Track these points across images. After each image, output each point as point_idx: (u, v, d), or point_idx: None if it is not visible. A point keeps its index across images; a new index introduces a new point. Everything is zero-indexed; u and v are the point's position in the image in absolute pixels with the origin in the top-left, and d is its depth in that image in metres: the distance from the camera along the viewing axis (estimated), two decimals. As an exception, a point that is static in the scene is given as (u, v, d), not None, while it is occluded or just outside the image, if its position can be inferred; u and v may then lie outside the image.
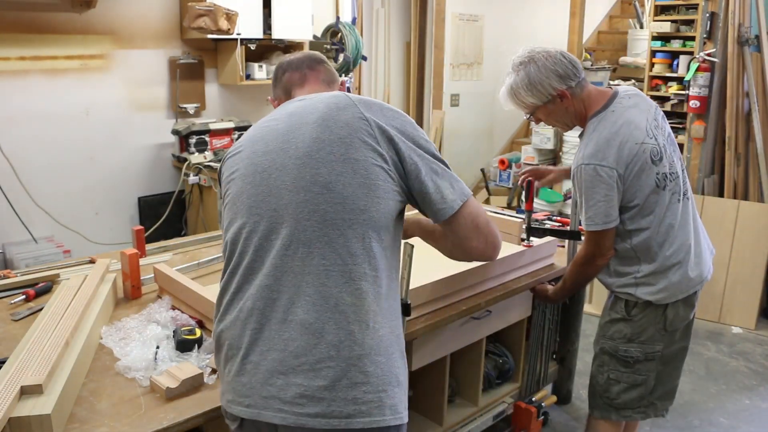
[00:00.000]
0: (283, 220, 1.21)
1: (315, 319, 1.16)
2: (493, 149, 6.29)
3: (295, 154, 1.24)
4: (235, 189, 1.30)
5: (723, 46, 3.94)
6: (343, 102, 1.30)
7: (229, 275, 1.27)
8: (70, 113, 3.61)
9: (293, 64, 1.52)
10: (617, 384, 2.00)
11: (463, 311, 1.98)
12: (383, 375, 1.17)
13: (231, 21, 3.62)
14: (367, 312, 1.18)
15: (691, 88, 4.01)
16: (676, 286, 1.90)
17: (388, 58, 5.25)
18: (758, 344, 3.64)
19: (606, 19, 7.41)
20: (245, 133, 1.40)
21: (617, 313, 1.98)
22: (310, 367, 1.14)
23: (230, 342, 1.23)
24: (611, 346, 1.99)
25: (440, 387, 2.21)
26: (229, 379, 1.22)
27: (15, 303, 1.92)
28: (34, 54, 3.44)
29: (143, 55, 3.84)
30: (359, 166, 1.21)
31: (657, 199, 1.85)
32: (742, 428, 2.81)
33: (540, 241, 2.33)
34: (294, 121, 1.30)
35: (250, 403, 1.17)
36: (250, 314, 1.20)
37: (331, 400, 1.13)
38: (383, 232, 1.23)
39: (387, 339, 1.20)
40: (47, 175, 3.57)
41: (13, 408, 1.25)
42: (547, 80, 1.86)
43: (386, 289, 1.23)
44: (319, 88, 1.50)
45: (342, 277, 1.17)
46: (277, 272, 1.19)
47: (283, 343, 1.16)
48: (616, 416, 2.03)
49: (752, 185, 3.95)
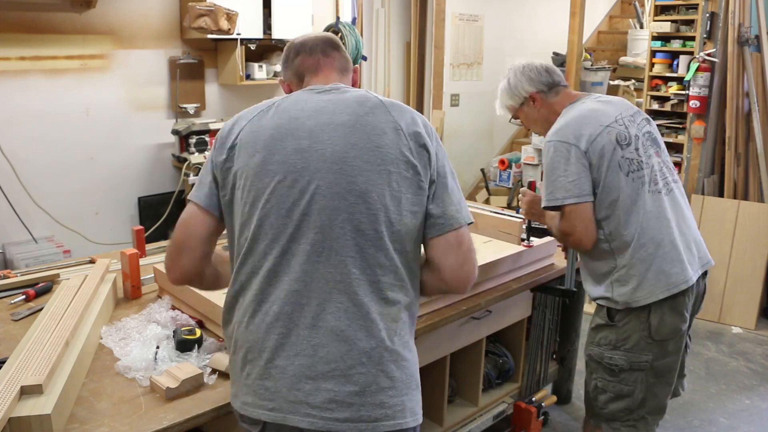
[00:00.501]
0: (314, 225, 1.19)
1: (346, 326, 1.17)
2: (493, 149, 6.29)
3: (330, 158, 1.21)
4: (259, 183, 1.23)
5: (723, 46, 3.94)
6: (372, 103, 1.28)
7: (248, 275, 1.24)
8: (70, 113, 3.61)
9: (307, 46, 1.43)
10: (604, 393, 1.96)
11: (463, 311, 1.98)
12: (407, 379, 1.23)
13: (231, 21, 3.62)
14: (395, 320, 1.22)
15: (691, 88, 4.01)
16: (652, 284, 1.83)
17: (388, 58, 5.25)
18: (758, 344, 3.64)
19: (606, 19, 7.41)
20: (262, 108, 1.32)
21: (601, 318, 1.95)
22: (342, 373, 1.16)
23: (251, 345, 1.22)
24: (597, 353, 1.96)
25: (440, 387, 2.21)
26: (249, 382, 1.21)
27: (15, 303, 1.92)
28: (34, 54, 3.44)
29: (143, 55, 3.84)
30: (392, 179, 1.22)
31: (621, 184, 1.83)
32: (741, 428, 2.81)
33: (540, 241, 2.33)
34: (324, 120, 1.25)
35: (274, 407, 1.18)
36: (277, 318, 1.19)
37: (360, 405, 1.16)
38: (409, 244, 1.24)
39: (410, 345, 1.27)
40: (47, 175, 3.57)
41: (13, 408, 1.25)
42: (521, 84, 2.04)
43: (412, 298, 1.28)
44: (333, 76, 1.42)
45: (371, 286, 1.20)
46: (307, 278, 1.19)
47: (312, 348, 1.17)
48: (607, 427, 1.98)
49: (752, 185, 3.95)
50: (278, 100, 1.34)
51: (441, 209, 1.26)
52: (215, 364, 1.53)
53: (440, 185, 1.27)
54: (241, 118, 1.33)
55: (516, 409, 2.48)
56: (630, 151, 1.87)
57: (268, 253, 1.21)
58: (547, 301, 2.44)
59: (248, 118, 1.31)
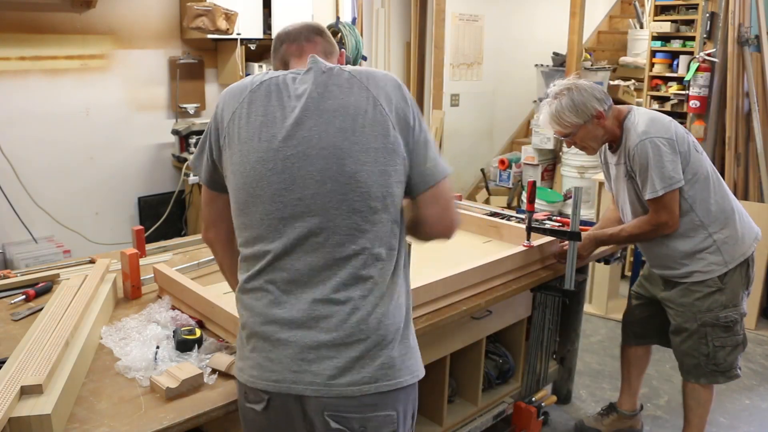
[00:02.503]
0: (309, 209, 1.25)
1: (346, 297, 1.24)
2: (493, 149, 6.29)
3: (318, 144, 1.25)
4: (253, 173, 1.28)
5: (723, 46, 3.94)
6: (350, 82, 1.30)
7: (252, 257, 1.30)
8: (70, 113, 3.62)
9: (291, 35, 1.48)
10: (723, 349, 2.26)
11: (463, 311, 1.98)
12: (404, 340, 1.30)
13: (230, 21, 3.62)
14: (392, 288, 1.29)
15: (691, 88, 4.01)
16: (746, 238, 2.23)
17: (388, 58, 5.24)
18: (758, 344, 3.64)
19: (606, 19, 7.41)
20: (251, 86, 1.33)
21: (710, 287, 2.22)
22: (342, 341, 1.22)
23: (255, 322, 1.27)
24: (711, 317, 2.23)
25: (440, 387, 2.21)
26: (255, 356, 1.27)
27: (15, 303, 1.92)
28: (34, 54, 3.44)
29: (143, 55, 3.84)
30: (379, 155, 1.26)
31: (699, 163, 2.20)
32: (741, 428, 2.81)
33: (540, 241, 2.33)
34: (310, 107, 1.28)
35: (278, 378, 1.24)
36: (279, 295, 1.26)
37: (361, 367, 1.23)
38: (397, 213, 1.31)
39: (406, 308, 1.34)
40: (47, 175, 3.57)
41: (13, 408, 1.25)
42: (589, 101, 2.17)
43: (403, 262, 1.35)
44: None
45: (370, 258, 1.26)
46: (308, 257, 1.25)
47: (314, 321, 1.23)
48: (724, 379, 2.31)
49: (752, 185, 3.95)
50: (261, 78, 1.35)
51: (420, 168, 1.32)
52: (215, 364, 1.53)
53: (418, 145, 1.32)
54: (229, 99, 1.36)
55: (516, 409, 2.48)
56: (691, 135, 2.24)
57: (268, 237, 1.27)
58: (547, 301, 2.44)
59: (236, 102, 1.34)
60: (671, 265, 2.28)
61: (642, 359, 2.61)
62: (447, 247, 2.50)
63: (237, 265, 1.38)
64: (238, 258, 1.36)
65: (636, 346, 2.59)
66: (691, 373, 2.34)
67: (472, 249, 2.49)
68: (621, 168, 2.25)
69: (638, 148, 2.12)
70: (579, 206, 2.20)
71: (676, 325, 2.33)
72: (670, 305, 2.34)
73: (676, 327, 2.33)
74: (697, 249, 2.21)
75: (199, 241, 2.57)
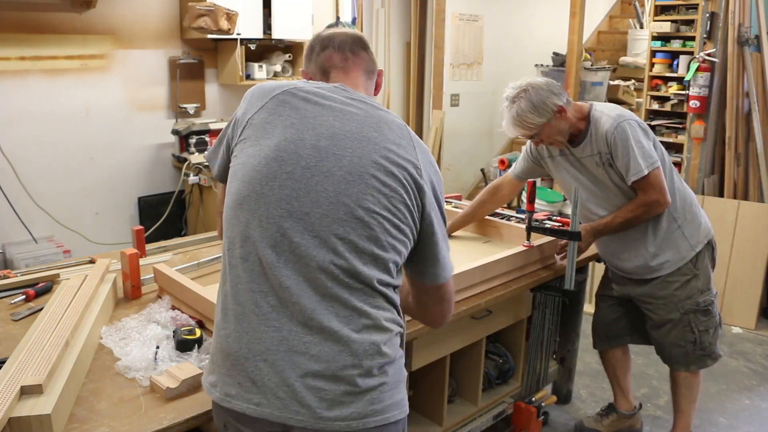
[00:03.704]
0: (313, 228, 1.17)
1: (339, 327, 1.16)
2: (493, 149, 6.29)
3: (347, 167, 1.19)
4: (265, 169, 1.20)
5: (723, 46, 3.94)
6: (403, 133, 1.27)
7: (241, 265, 1.21)
8: (70, 113, 3.62)
9: (335, 42, 1.38)
10: (707, 333, 2.31)
11: (462, 311, 1.98)
12: (395, 374, 1.23)
13: (231, 21, 3.62)
14: (386, 321, 1.22)
15: (691, 88, 4.01)
16: (705, 221, 2.33)
17: (388, 58, 5.25)
18: (758, 344, 3.64)
19: (606, 19, 7.40)
20: (289, 86, 1.28)
21: (685, 275, 2.28)
22: (333, 373, 1.15)
23: (239, 337, 1.19)
24: (692, 303, 2.28)
25: (440, 387, 2.21)
26: (234, 374, 1.19)
27: (15, 303, 1.92)
28: (34, 54, 3.44)
29: (143, 55, 3.84)
30: (399, 209, 1.21)
31: (661, 150, 2.23)
32: (741, 428, 2.81)
33: (540, 241, 2.33)
34: (353, 129, 1.23)
35: (260, 401, 1.16)
36: (267, 313, 1.18)
37: (351, 402, 1.16)
38: (395, 265, 1.25)
39: (398, 341, 1.27)
40: (47, 175, 3.58)
41: (13, 408, 1.25)
42: (548, 98, 2.15)
43: (396, 298, 1.28)
44: (360, 78, 1.39)
45: (365, 294, 1.20)
46: (301, 277, 1.17)
47: (304, 346, 1.16)
48: (711, 361, 2.36)
49: (752, 185, 3.95)
50: (302, 84, 1.29)
51: (442, 264, 1.32)
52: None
53: (441, 236, 1.30)
54: (259, 94, 1.30)
55: (516, 409, 2.48)
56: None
57: (260, 246, 1.18)
58: (547, 301, 2.44)
59: (267, 97, 1.28)
60: (642, 258, 2.29)
61: (622, 359, 2.62)
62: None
63: None
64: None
65: (611, 348, 2.60)
66: (680, 363, 2.38)
67: (472, 249, 2.49)
68: (590, 159, 2.24)
69: (618, 130, 2.13)
70: (579, 206, 2.20)
71: (658, 318, 2.34)
72: (648, 300, 2.35)
73: (658, 320, 2.35)
74: (666, 235, 2.26)
75: (199, 241, 2.57)
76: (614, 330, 2.56)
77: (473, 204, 2.60)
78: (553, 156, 2.36)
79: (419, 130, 5.47)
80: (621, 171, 2.17)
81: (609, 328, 2.57)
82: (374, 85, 1.44)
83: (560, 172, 2.36)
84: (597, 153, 2.21)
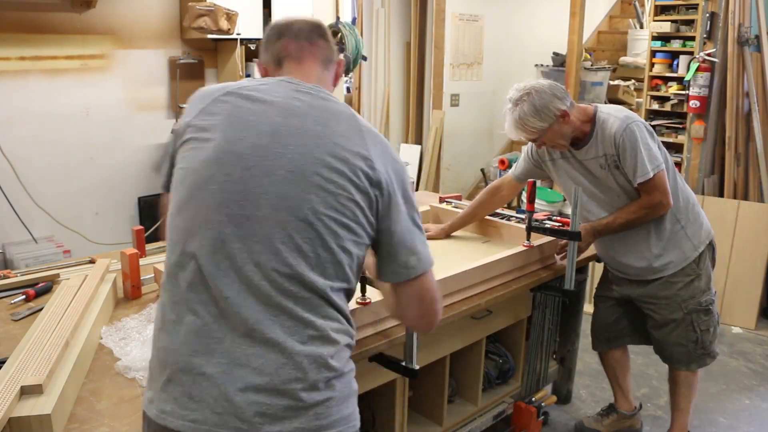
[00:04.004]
0: (254, 233, 1.11)
1: (283, 339, 1.10)
2: (493, 149, 6.29)
3: (288, 165, 1.13)
4: (205, 172, 1.14)
5: (723, 46, 3.93)
6: (352, 123, 1.20)
7: (180, 274, 1.15)
8: (70, 113, 3.62)
9: (292, 30, 1.32)
10: (707, 332, 2.32)
11: (463, 311, 1.98)
12: (344, 389, 1.18)
13: (231, 21, 3.62)
14: (335, 332, 1.16)
15: (691, 88, 4.01)
16: (706, 222, 2.34)
17: (388, 58, 5.25)
18: (758, 344, 3.64)
19: (606, 19, 7.40)
20: (229, 87, 1.22)
21: (688, 275, 2.28)
22: (276, 387, 1.09)
23: (176, 349, 1.13)
24: (695, 303, 2.29)
25: (440, 387, 2.21)
26: (170, 389, 1.12)
27: (15, 303, 1.92)
28: (34, 54, 3.44)
29: (143, 55, 3.84)
30: (348, 206, 1.15)
31: (665, 154, 2.23)
32: (741, 428, 2.81)
33: (540, 241, 2.33)
34: (295, 124, 1.16)
35: (197, 417, 1.09)
36: (208, 324, 1.11)
37: (294, 418, 1.10)
38: (349, 268, 1.19)
39: (348, 353, 1.21)
40: (47, 175, 3.57)
41: (13, 408, 1.25)
42: (551, 103, 2.14)
43: (347, 306, 1.21)
44: (314, 68, 1.32)
45: (312, 302, 1.13)
46: (243, 286, 1.10)
47: (246, 358, 1.10)
48: (710, 359, 2.38)
49: (752, 185, 3.95)
50: (243, 83, 1.24)
51: (405, 258, 1.22)
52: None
53: (404, 227, 1.22)
54: (200, 98, 1.24)
55: (516, 409, 2.48)
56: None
57: (201, 254, 1.12)
58: (547, 301, 2.44)
59: (208, 99, 1.22)
60: (646, 260, 2.29)
61: (621, 360, 2.61)
62: (447, 248, 2.51)
63: None
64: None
65: (610, 350, 2.60)
66: (682, 362, 2.38)
67: (471, 249, 2.49)
68: (594, 162, 2.23)
69: (627, 132, 2.12)
70: (579, 206, 2.20)
71: (661, 318, 2.35)
72: (651, 300, 2.35)
73: (661, 320, 2.35)
74: (670, 236, 2.26)
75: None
76: (614, 331, 2.55)
77: (473, 204, 2.59)
78: (554, 159, 2.36)
79: (419, 130, 5.47)
80: (627, 173, 2.17)
81: (609, 329, 2.56)
82: (333, 75, 1.36)
83: (561, 174, 2.36)
84: (603, 155, 2.21)
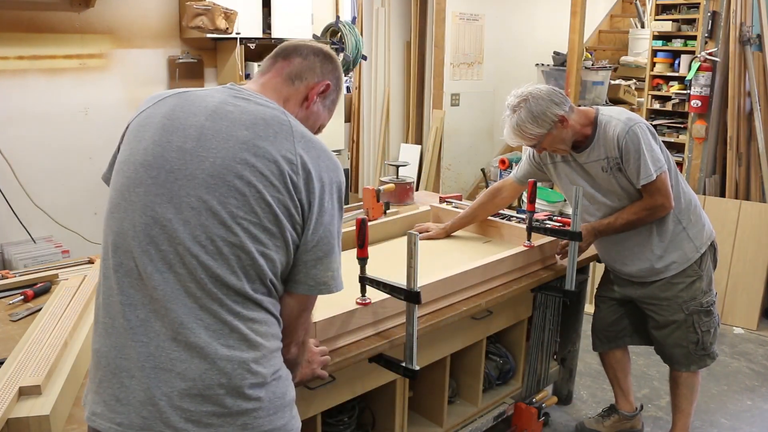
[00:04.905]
0: (178, 235, 1.10)
1: (206, 343, 1.09)
2: (493, 149, 6.28)
3: (209, 169, 1.12)
4: (133, 174, 1.15)
5: (724, 45, 3.93)
6: (283, 128, 1.17)
7: (113, 276, 1.14)
8: (68, 113, 3.61)
9: (288, 49, 1.32)
10: (708, 333, 2.33)
11: (463, 311, 1.97)
12: (276, 398, 1.16)
13: (229, 20, 3.61)
14: (260, 336, 1.14)
15: (693, 88, 4.00)
16: (708, 223, 2.35)
17: (388, 57, 5.24)
18: (760, 345, 3.63)
19: (607, 18, 7.40)
20: (171, 93, 1.24)
21: (690, 276, 2.28)
22: (199, 392, 1.09)
23: (107, 352, 1.13)
24: (697, 303, 2.29)
25: (440, 387, 2.20)
26: (101, 391, 1.13)
27: (13, 303, 1.91)
28: (33, 53, 3.43)
29: (142, 55, 3.83)
30: (270, 211, 1.12)
31: (667, 154, 2.24)
32: (743, 429, 2.81)
33: (541, 241, 2.32)
34: (222, 128, 1.15)
35: (122, 421, 1.10)
36: (136, 327, 1.11)
37: (220, 425, 1.09)
38: (272, 273, 1.16)
39: (278, 359, 1.19)
40: (46, 175, 3.57)
41: (12, 409, 1.25)
42: (548, 109, 2.12)
43: (275, 309, 1.19)
44: (273, 81, 1.30)
45: (237, 306, 1.12)
46: (169, 289, 1.10)
47: (170, 362, 1.09)
48: (710, 360, 2.39)
49: (754, 185, 3.94)
50: (192, 89, 1.25)
51: (304, 273, 1.19)
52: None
53: (322, 240, 1.19)
54: (143, 104, 1.25)
55: (517, 410, 2.47)
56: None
57: (129, 256, 1.12)
58: (547, 301, 2.43)
59: (147, 104, 1.24)
60: (648, 261, 2.29)
61: (622, 361, 2.61)
62: (447, 247, 2.50)
63: None
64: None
65: (611, 350, 2.60)
66: (682, 363, 2.38)
67: (472, 249, 2.48)
68: (595, 165, 2.23)
69: (630, 134, 2.11)
70: (579, 206, 2.19)
71: (662, 319, 2.35)
72: (652, 301, 2.35)
73: (662, 321, 2.35)
74: (672, 237, 2.26)
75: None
76: (615, 331, 2.55)
77: (473, 205, 2.59)
78: (556, 162, 2.36)
79: (419, 130, 5.47)
80: (630, 175, 2.16)
81: (609, 330, 2.56)
82: (299, 93, 1.30)
83: (562, 177, 2.36)
84: (604, 158, 2.20)
